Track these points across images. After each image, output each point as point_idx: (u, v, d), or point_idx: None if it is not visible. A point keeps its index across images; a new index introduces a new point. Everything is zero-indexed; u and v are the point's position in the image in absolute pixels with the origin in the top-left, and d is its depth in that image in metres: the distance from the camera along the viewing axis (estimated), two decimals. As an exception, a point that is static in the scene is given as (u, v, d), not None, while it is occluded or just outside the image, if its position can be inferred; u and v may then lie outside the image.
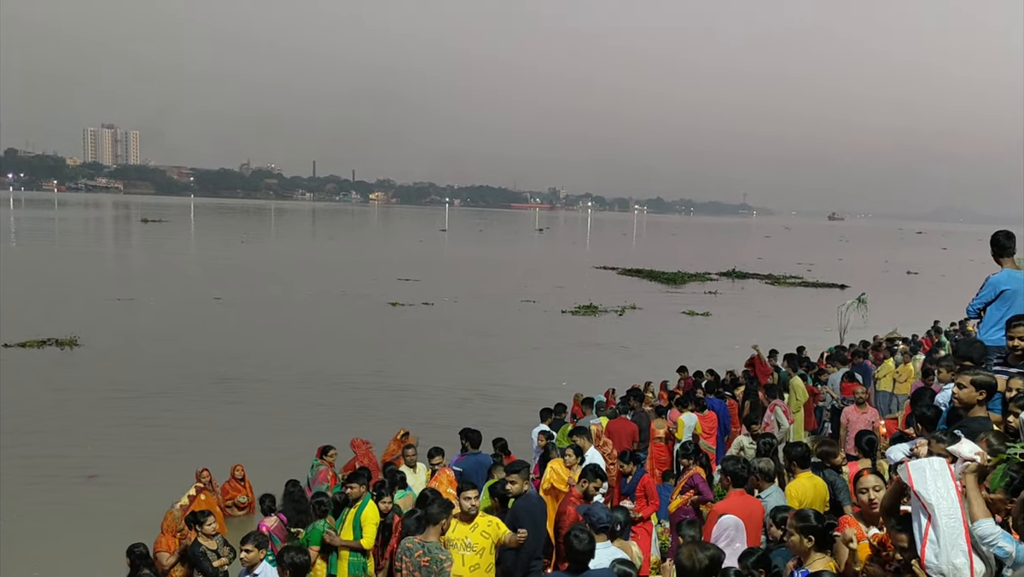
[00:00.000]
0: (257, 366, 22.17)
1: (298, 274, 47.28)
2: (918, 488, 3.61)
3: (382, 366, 22.89)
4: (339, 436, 12.51)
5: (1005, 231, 6.34)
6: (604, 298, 39.04)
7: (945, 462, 3.71)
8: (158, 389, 19.23)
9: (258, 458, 13.13)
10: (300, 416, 17.42)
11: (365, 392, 19.93)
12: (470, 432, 9.87)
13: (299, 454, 12.92)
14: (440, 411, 17.90)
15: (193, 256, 59.66)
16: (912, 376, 14.91)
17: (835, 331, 22.57)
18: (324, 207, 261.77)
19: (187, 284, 40.08)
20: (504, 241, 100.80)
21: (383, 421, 16.32)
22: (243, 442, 15.16)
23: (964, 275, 54.56)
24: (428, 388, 20.48)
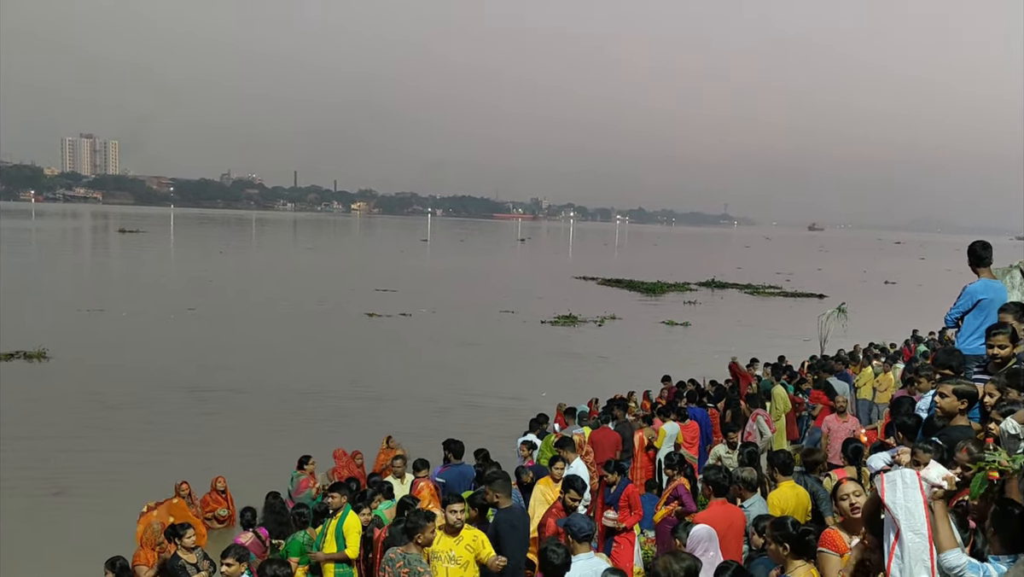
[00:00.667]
0: (230, 377, 21.98)
1: (275, 285, 46.93)
2: (888, 501, 3.62)
3: (359, 376, 22.79)
4: (316, 446, 12.48)
5: (981, 241, 6.43)
6: (584, 308, 39.04)
7: (916, 475, 3.71)
8: (128, 401, 19.02)
9: (234, 469, 12.99)
10: (275, 427, 17.29)
11: (341, 402, 19.84)
12: (452, 443, 9.82)
13: (277, 465, 12.83)
14: (419, 421, 17.80)
15: (169, 267, 58.97)
16: (892, 385, 15.05)
17: (814, 340, 22.71)
18: (306, 217, 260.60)
19: (161, 295, 39.55)
20: (485, 251, 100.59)
21: (360, 431, 16.31)
22: (218, 453, 15.01)
23: (941, 285, 55.02)
24: (406, 398, 20.40)
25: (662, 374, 17.16)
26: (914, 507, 3.56)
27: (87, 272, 54.04)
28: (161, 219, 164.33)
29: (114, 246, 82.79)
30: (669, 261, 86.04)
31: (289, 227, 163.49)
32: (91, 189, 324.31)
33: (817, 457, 8.08)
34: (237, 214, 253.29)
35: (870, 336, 22.86)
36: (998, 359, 5.36)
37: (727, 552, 6.16)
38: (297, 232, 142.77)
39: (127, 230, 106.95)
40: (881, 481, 3.71)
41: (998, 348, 5.33)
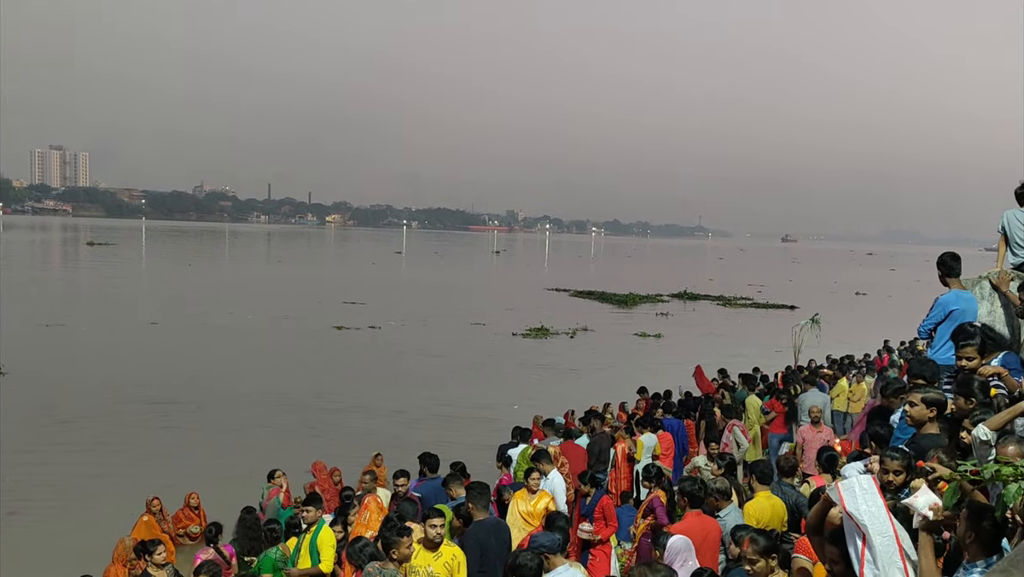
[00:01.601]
0: (192, 391, 21.61)
1: (241, 298, 46.25)
2: (850, 509, 3.63)
3: (324, 389, 22.55)
4: (286, 460, 12.32)
5: (951, 253, 6.51)
6: (555, 320, 38.91)
7: (872, 480, 3.73)
8: (85, 416, 18.63)
9: (200, 484, 12.72)
10: (242, 441, 17.07)
11: (309, 415, 19.63)
12: (428, 456, 9.72)
13: (248, 480, 12.67)
14: (388, 434, 17.63)
15: (135, 280, 57.86)
16: (865, 395, 15.22)
17: (786, 351, 22.89)
18: (279, 230, 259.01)
19: (124, 309, 38.79)
20: (459, 263, 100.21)
21: (330, 444, 16.23)
22: (184, 469, 14.76)
23: (911, 295, 55.93)
24: (372, 411, 20.22)
25: (634, 386, 17.16)
26: (876, 511, 3.58)
27: (50, 286, 52.39)
28: (132, 231, 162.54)
29: (80, 259, 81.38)
30: (642, 273, 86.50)
31: (261, 240, 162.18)
32: (61, 201, 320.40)
33: (792, 462, 8.14)
34: (210, 226, 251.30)
35: (842, 347, 23.09)
36: (967, 369, 5.44)
37: (703, 563, 6.15)
38: (268, 245, 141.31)
39: (96, 243, 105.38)
40: (838, 490, 3.73)
41: (966, 360, 5.42)
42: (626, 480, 11.14)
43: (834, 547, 3.84)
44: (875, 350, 23.44)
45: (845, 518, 3.67)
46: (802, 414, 13.26)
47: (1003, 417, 4.17)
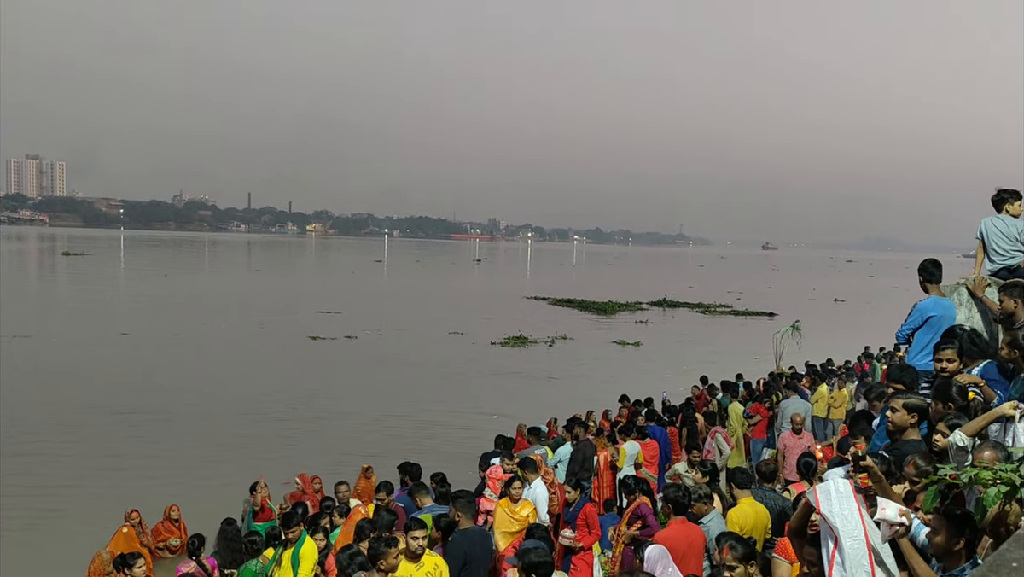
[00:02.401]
0: (160, 401, 21.36)
1: (215, 308, 45.71)
2: (824, 510, 3.67)
3: (300, 398, 22.39)
4: (256, 471, 12.19)
5: (932, 259, 6.59)
6: (534, 329, 38.85)
7: (849, 484, 3.77)
8: (50, 427, 18.40)
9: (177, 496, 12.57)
10: (212, 452, 16.89)
11: (282, 425, 19.51)
12: (409, 466, 9.69)
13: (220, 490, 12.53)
14: (365, 444, 17.56)
15: (108, 291, 56.55)
16: (846, 401, 15.34)
17: (765, 358, 23.02)
18: (260, 239, 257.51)
19: (94, 319, 38.14)
20: (439, 272, 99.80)
21: (305, 454, 16.14)
22: (154, 481, 14.60)
23: (890, 302, 56.39)
24: (348, 421, 20.10)
25: (613, 394, 17.27)
26: (850, 514, 3.63)
27: (21, 296, 51.05)
28: (110, 241, 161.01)
29: (55, 269, 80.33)
30: (623, 281, 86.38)
31: (240, 249, 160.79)
32: (37, 211, 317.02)
33: (771, 468, 8.18)
34: (189, 236, 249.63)
35: (822, 353, 23.23)
36: (946, 373, 5.49)
37: (688, 570, 6.18)
38: (247, 254, 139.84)
39: (72, 253, 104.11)
40: (815, 492, 3.76)
41: (946, 362, 5.46)
42: (608, 488, 11.14)
43: (813, 548, 3.88)
44: (855, 357, 23.60)
45: (820, 520, 3.70)
46: (784, 421, 13.34)
47: (978, 423, 4.22)
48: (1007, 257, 6.91)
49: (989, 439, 4.08)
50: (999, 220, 6.98)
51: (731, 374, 19.41)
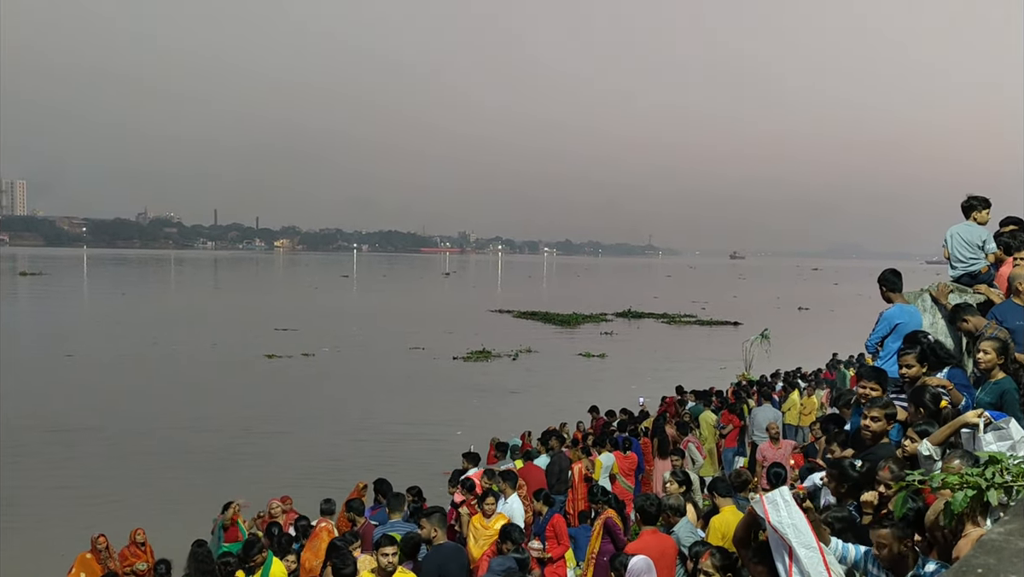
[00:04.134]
0: (98, 422, 20.99)
1: (169, 327, 44.83)
2: (774, 522, 3.66)
3: (254, 419, 22.07)
4: (211, 492, 12.03)
5: (892, 269, 6.66)
6: (498, 342, 38.60)
7: (790, 493, 3.80)
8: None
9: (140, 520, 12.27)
10: (167, 474, 16.64)
11: (234, 445, 19.25)
12: (382, 483, 9.62)
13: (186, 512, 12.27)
14: (325, 463, 17.39)
15: (62, 311, 55.20)
16: (815, 409, 15.49)
17: (730, 367, 23.17)
18: (227, 256, 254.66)
19: (39, 341, 37.41)
20: (406, 286, 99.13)
21: (264, 475, 15.94)
22: (110, 505, 14.33)
23: (852, 309, 57.15)
24: (307, 440, 19.87)
25: (578, 406, 17.21)
26: (799, 522, 3.63)
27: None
28: (72, 261, 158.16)
29: (10, 290, 78.23)
30: (590, 292, 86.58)
31: (205, 266, 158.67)
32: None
33: (743, 477, 8.22)
34: (154, 254, 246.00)
35: (791, 361, 23.47)
36: (907, 378, 5.56)
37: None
38: (211, 271, 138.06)
39: (30, 273, 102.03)
40: (762, 503, 3.76)
41: (905, 368, 5.53)
42: (583, 500, 11.12)
43: (760, 565, 3.88)
44: (822, 364, 23.86)
45: (771, 532, 3.70)
46: (755, 429, 13.43)
47: (944, 432, 4.26)
48: (968, 264, 7.03)
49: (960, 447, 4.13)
50: (964, 227, 7.09)
51: (697, 384, 19.51)
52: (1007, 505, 3.10)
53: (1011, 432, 3.77)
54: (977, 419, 4.02)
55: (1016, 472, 3.18)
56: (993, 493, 3.12)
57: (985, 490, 3.16)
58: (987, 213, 7.10)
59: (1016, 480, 3.15)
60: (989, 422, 3.94)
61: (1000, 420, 3.94)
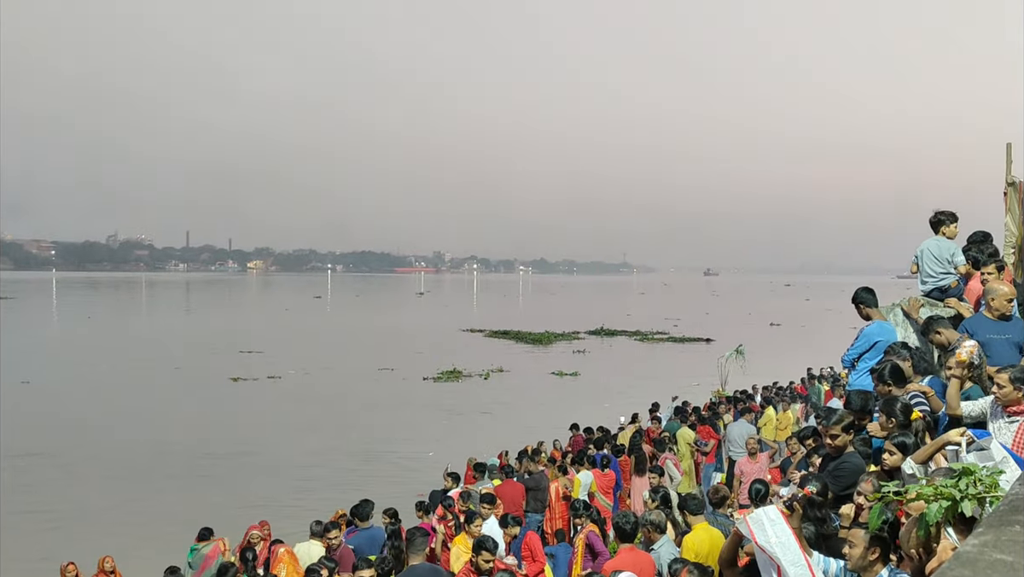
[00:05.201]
0: (56, 448, 20.62)
1: (134, 351, 44.04)
2: (760, 541, 3.66)
3: (220, 443, 21.76)
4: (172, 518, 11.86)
5: (864, 287, 6.76)
6: (469, 362, 38.23)
7: (778, 510, 3.81)
8: None
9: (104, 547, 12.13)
10: (120, 503, 16.31)
11: (194, 472, 18.91)
12: (357, 507, 9.51)
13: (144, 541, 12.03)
14: (294, 487, 17.19)
15: (22, 336, 53.20)
16: (791, 423, 15.57)
17: (704, 384, 23.19)
18: (198, 278, 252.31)
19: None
20: (379, 307, 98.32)
21: (233, 499, 15.76)
22: (75, 532, 14.09)
23: (822, 324, 57.71)
24: (274, 464, 19.58)
25: (551, 426, 17.15)
26: (786, 540, 3.63)
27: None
28: (39, 285, 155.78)
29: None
30: (563, 310, 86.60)
31: (177, 289, 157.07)
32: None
33: (721, 494, 8.23)
34: (125, 277, 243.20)
35: (764, 376, 23.57)
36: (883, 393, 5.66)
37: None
38: (181, 294, 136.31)
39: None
40: (747, 523, 3.76)
41: (880, 385, 5.70)
42: (561, 519, 11.07)
43: None
44: (796, 378, 24.02)
45: (758, 551, 3.69)
46: (731, 445, 13.49)
47: (927, 451, 4.29)
48: (938, 279, 7.15)
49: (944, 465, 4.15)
50: (933, 242, 7.22)
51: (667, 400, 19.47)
52: (980, 516, 3.12)
53: (992, 453, 3.78)
54: (960, 437, 4.04)
55: (989, 483, 3.20)
56: (967, 504, 3.14)
57: (959, 501, 3.17)
58: (955, 227, 7.23)
59: (989, 490, 3.17)
60: (972, 441, 3.96)
61: (983, 439, 3.96)
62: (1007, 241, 7.57)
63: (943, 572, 2.21)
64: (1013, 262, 7.48)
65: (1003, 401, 4.73)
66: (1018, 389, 4.66)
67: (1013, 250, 7.59)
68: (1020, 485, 3.10)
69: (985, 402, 5.04)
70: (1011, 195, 7.67)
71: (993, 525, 2.60)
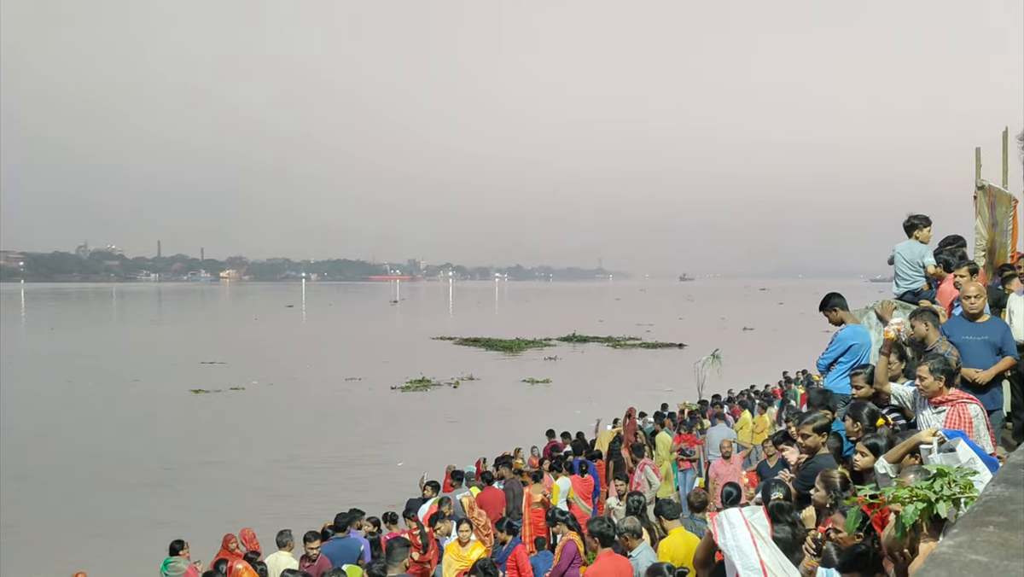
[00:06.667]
0: (11, 465, 19.96)
1: (92, 363, 42.86)
2: (720, 541, 3.72)
3: (179, 457, 21.30)
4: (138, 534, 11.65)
5: (833, 293, 6.81)
6: (438, 371, 37.76)
7: (739, 513, 3.87)
8: None
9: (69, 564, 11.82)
10: (84, 517, 15.97)
11: (153, 484, 18.64)
12: (338, 516, 9.47)
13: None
14: (255, 501, 16.92)
15: None
16: (768, 427, 15.68)
17: (676, 389, 23.15)
18: (170, 288, 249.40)
19: None
20: (352, 315, 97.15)
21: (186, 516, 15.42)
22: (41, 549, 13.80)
23: (795, 328, 58.07)
24: (236, 477, 19.26)
25: (523, 433, 17.00)
26: (744, 544, 3.68)
27: None
28: (8, 296, 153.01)
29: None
30: (537, 317, 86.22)
31: (146, 299, 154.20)
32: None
33: (702, 498, 8.26)
34: (96, 287, 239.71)
35: (739, 381, 23.69)
36: (856, 397, 5.75)
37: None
38: (151, 305, 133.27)
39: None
40: (712, 524, 3.81)
41: (855, 388, 5.87)
42: (533, 526, 11.02)
43: None
44: (772, 382, 24.20)
45: (722, 551, 3.74)
46: (710, 449, 13.56)
47: (899, 451, 4.32)
48: (910, 282, 7.24)
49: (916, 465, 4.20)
50: (906, 246, 7.31)
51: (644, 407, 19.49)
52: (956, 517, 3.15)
53: (959, 455, 3.81)
54: (931, 437, 4.07)
55: (963, 484, 3.23)
56: (943, 505, 3.17)
57: (935, 503, 3.20)
58: (928, 231, 7.32)
59: (964, 491, 3.20)
60: (942, 441, 4.00)
61: (952, 439, 4.00)
62: (977, 244, 7.68)
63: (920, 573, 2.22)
64: (984, 264, 7.59)
65: (925, 393, 4.87)
66: (938, 380, 4.77)
67: (983, 253, 7.70)
68: (993, 486, 3.13)
69: (911, 391, 5.21)
70: (980, 199, 7.79)
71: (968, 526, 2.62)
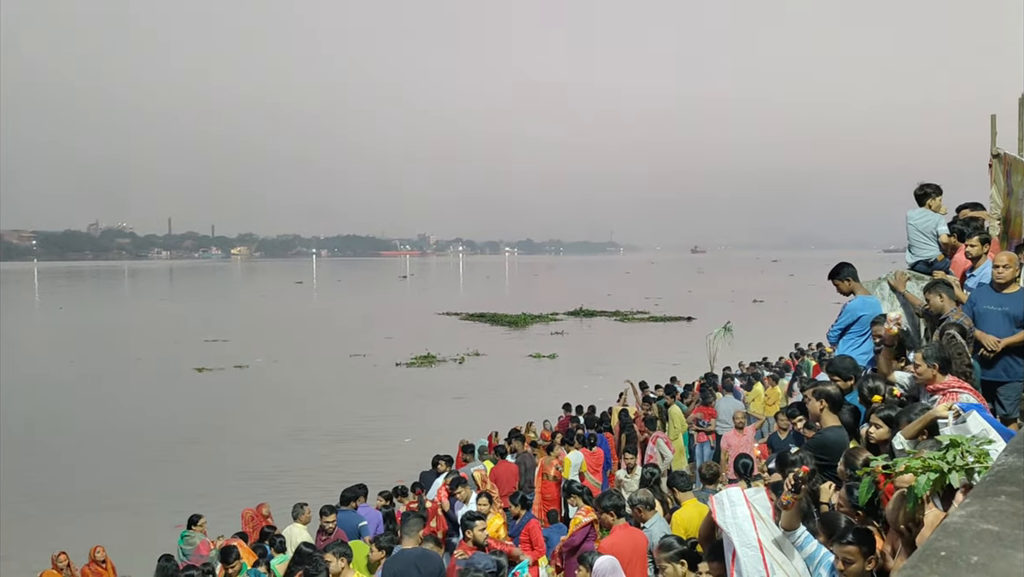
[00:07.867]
0: (25, 442, 20.36)
1: (96, 342, 43.02)
2: (719, 521, 3.76)
3: (192, 432, 21.50)
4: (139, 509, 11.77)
5: (844, 262, 6.72)
6: (444, 346, 37.57)
7: (740, 492, 3.90)
8: None
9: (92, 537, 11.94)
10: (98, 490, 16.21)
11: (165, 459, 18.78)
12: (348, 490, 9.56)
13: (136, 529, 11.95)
14: (265, 475, 17.01)
15: None
16: (780, 399, 15.68)
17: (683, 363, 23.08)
18: (181, 265, 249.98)
19: None
20: (360, 291, 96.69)
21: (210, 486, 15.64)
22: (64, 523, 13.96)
23: (805, 300, 57.46)
24: (243, 453, 19.38)
25: (529, 408, 17.01)
26: (743, 522, 3.72)
27: None
28: (20, 275, 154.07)
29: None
30: (546, 291, 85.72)
31: (157, 277, 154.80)
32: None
33: (713, 470, 8.28)
34: (107, 265, 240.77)
35: (751, 353, 23.63)
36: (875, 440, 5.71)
37: (633, 575, 6.17)
38: (162, 282, 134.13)
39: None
40: (711, 502, 3.83)
41: (873, 426, 5.69)
42: (544, 500, 11.08)
43: (715, 562, 4.01)
44: (785, 353, 24.13)
45: (720, 529, 3.77)
46: (720, 420, 13.60)
47: (916, 426, 4.29)
48: (923, 250, 7.16)
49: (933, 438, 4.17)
50: (919, 213, 7.21)
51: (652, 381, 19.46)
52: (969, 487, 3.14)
53: (969, 427, 3.80)
54: (947, 412, 4.05)
55: (978, 453, 3.22)
56: (955, 475, 3.16)
57: (947, 473, 3.19)
58: (940, 200, 7.21)
59: (979, 460, 3.19)
60: (958, 415, 3.97)
61: (966, 412, 3.98)
62: (992, 213, 7.57)
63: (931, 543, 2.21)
64: (998, 234, 7.49)
65: (920, 380, 4.83)
66: (931, 367, 4.71)
67: (998, 221, 7.60)
68: (1006, 456, 3.11)
69: (908, 377, 5.19)
70: (996, 167, 7.67)
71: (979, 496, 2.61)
